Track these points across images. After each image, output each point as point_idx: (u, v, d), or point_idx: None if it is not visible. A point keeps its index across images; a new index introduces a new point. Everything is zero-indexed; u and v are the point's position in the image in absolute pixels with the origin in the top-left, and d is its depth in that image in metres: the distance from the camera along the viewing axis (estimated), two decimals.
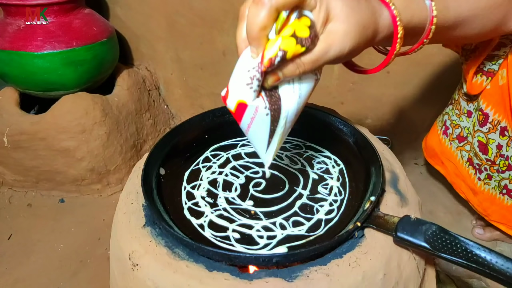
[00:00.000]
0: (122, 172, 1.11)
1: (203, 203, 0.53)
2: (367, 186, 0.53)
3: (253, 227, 0.48)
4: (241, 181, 0.57)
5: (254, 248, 0.45)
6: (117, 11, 1.26)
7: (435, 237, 0.43)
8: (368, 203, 0.47)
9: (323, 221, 0.50)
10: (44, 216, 1.04)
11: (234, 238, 0.47)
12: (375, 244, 0.44)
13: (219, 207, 0.52)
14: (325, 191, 0.55)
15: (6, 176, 1.09)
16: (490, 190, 0.81)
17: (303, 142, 0.65)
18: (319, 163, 0.61)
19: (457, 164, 0.86)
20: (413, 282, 0.47)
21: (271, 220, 0.50)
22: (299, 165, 0.60)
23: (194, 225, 0.49)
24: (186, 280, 0.41)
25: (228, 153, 0.63)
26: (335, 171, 0.59)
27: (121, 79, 1.17)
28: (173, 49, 1.25)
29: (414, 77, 1.05)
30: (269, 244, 0.46)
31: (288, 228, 0.49)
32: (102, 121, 1.03)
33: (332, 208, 0.52)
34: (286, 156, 0.62)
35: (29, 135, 1.00)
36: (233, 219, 0.50)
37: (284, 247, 0.45)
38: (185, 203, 0.53)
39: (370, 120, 1.17)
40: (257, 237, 0.47)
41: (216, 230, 0.48)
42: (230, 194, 0.54)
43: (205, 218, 0.50)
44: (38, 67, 0.96)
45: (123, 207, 0.52)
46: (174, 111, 1.40)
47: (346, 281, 0.41)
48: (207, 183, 0.57)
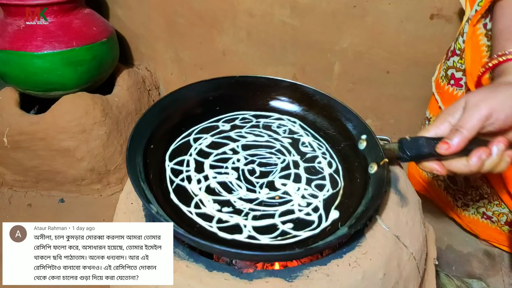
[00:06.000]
0: (122, 172, 1.11)
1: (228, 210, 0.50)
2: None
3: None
4: (235, 176, 0.55)
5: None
6: (117, 11, 1.26)
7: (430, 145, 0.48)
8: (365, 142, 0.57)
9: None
10: (44, 216, 1.03)
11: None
12: (375, 244, 0.44)
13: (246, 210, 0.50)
14: (307, 149, 0.61)
15: (6, 176, 1.09)
16: (471, 215, 0.82)
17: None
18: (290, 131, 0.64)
19: (437, 191, 0.88)
20: (413, 282, 0.48)
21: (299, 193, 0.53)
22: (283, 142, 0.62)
23: (206, 227, 0.47)
24: (186, 280, 0.41)
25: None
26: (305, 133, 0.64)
27: (121, 79, 1.17)
28: (173, 49, 1.25)
29: (414, 77, 1.05)
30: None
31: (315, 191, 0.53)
32: (102, 121, 1.03)
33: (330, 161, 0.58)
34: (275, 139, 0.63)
35: (29, 135, 1.00)
36: (272, 213, 0.50)
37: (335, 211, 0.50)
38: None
39: (370, 120, 1.17)
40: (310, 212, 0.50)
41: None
42: (238, 193, 0.52)
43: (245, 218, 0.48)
44: (38, 67, 0.96)
45: (123, 207, 0.52)
46: None
47: (346, 281, 0.41)
48: (216, 183, 0.54)
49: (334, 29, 1.03)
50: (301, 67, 1.14)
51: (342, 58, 1.07)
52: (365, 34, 1.01)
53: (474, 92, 0.46)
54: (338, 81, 1.12)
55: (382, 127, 1.18)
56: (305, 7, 1.03)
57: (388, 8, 0.95)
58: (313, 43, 1.07)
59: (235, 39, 1.14)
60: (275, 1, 1.04)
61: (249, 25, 1.10)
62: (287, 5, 1.04)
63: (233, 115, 0.66)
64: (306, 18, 1.04)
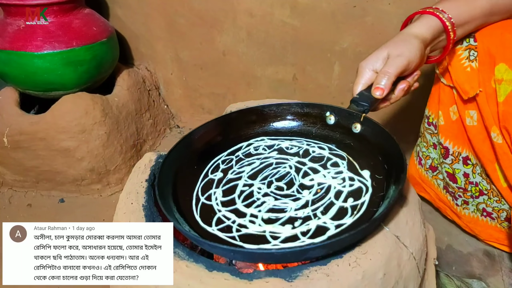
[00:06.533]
0: (122, 172, 1.11)
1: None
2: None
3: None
4: (270, 201, 0.53)
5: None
6: (117, 11, 1.26)
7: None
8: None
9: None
10: (44, 216, 1.03)
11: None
12: (375, 244, 0.44)
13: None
14: (294, 149, 0.63)
15: (6, 176, 1.09)
16: (471, 214, 0.82)
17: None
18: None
19: (436, 191, 0.88)
20: (413, 282, 0.48)
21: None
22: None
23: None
24: (186, 280, 0.41)
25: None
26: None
27: (121, 79, 1.17)
28: (173, 49, 1.25)
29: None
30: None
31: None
32: (102, 121, 1.03)
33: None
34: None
35: (29, 135, 1.00)
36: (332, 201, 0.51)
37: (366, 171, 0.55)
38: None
39: None
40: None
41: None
42: (290, 207, 0.51)
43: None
44: (38, 67, 0.96)
45: (123, 207, 0.52)
46: (174, 111, 1.40)
47: (346, 281, 0.41)
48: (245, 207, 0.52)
49: (334, 29, 1.03)
50: (301, 67, 1.14)
51: (342, 58, 1.07)
52: (365, 34, 1.01)
53: (394, 46, 0.59)
54: (338, 81, 1.12)
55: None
56: (305, 7, 1.03)
57: (388, 8, 0.95)
58: (313, 43, 1.07)
59: (235, 39, 1.15)
60: (275, 1, 1.04)
61: (249, 25, 1.10)
62: (287, 5, 1.04)
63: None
64: (306, 18, 1.04)
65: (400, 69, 0.57)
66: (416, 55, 0.58)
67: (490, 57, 0.64)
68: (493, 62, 0.64)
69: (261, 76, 1.20)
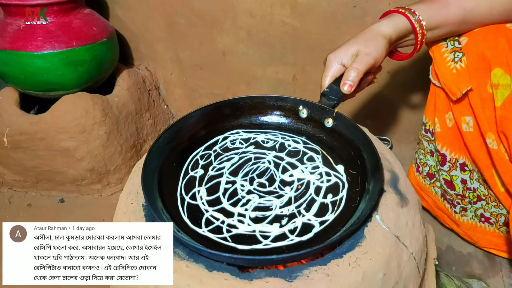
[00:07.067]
0: (122, 172, 1.11)
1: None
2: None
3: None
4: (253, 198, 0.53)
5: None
6: (117, 11, 1.26)
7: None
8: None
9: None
10: (44, 216, 1.03)
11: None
12: (375, 244, 0.44)
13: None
14: (270, 143, 0.64)
15: (6, 176, 1.09)
16: (469, 220, 0.82)
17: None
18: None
19: (434, 198, 0.88)
20: (413, 282, 0.48)
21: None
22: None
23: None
24: (186, 280, 0.41)
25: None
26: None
27: (121, 79, 1.17)
28: (173, 49, 1.25)
29: (414, 77, 1.05)
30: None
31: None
32: (102, 121, 1.03)
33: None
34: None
35: (29, 135, 1.00)
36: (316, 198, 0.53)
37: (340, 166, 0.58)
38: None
39: (370, 120, 1.17)
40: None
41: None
42: (276, 205, 0.52)
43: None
44: (38, 67, 0.96)
45: (123, 207, 0.52)
46: (174, 111, 1.40)
47: (346, 281, 0.41)
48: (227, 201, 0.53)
49: (334, 29, 1.03)
50: (301, 67, 1.14)
51: None
52: None
53: (364, 44, 0.62)
54: None
55: (381, 127, 1.18)
56: (305, 7, 1.03)
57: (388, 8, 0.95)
58: (313, 43, 1.07)
59: (235, 39, 1.15)
60: (275, 1, 1.04)
61: (249, 25, 1.10)
62: (287, 5, 1.04)
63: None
64: (306, 18, 1.04)
65: (367, 67, 0.60)
66: (382, 55, 0.62)
67: (485, 62, 0.64)
68: (489, 67, 0.64)
69: (261, 76, 1.20)
